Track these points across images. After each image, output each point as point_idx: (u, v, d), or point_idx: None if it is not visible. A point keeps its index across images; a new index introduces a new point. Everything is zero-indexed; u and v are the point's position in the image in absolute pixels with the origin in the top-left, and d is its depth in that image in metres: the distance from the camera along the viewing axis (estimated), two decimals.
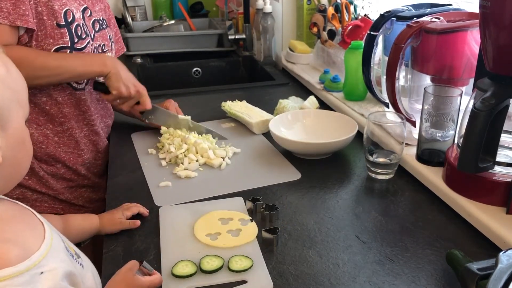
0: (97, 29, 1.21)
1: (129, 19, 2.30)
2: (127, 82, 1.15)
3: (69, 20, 1.10)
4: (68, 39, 1.09)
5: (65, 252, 0.62)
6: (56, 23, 1.07)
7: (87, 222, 0.88)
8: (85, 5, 1.17)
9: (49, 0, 1.05)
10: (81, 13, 1.15)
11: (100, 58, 1.14)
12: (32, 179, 1.15)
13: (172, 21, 2.37)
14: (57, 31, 1.07)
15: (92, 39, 1.18)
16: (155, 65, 2.10)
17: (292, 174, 1.08)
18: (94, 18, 1.20)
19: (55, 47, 1.07)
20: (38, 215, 0.64)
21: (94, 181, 1.27)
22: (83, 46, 1.13)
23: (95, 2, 1.23)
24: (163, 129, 1.24)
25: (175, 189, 1.03)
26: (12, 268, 0.51)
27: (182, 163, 1.11)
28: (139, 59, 2.08)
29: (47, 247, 0.57)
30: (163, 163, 1.13)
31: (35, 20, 1.03)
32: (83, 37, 1.13)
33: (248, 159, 1.16)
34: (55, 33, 1.07)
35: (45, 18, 1.05)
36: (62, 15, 1.08)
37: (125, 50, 1.44)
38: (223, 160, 1.13)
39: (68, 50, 1.10)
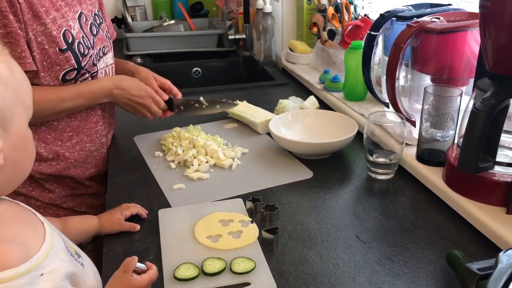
0: (95, 33, 1.17)
1: (129, 19, 2.30)
2: (132, 100, 1.16)
3: (69, 41, 1.05)
4: (74, 61, 1.06)
5: (65, 252, 0.61)
6: (58, 49, 1.03)
7: (86, 223, 0.88)
8: (80, 10, 1.12)
9: (45, 28, 1.00)
10: (77, 22, 1.10)
11: (104, 92, 1.14)
12: (35, 190, 1.12)
13: (172, 21, 2.37)
14: (61, 56, 1.03)
15: (92, 47, 1.14)
16: (155, 65, 2.10)
17: (303, 173, 1.08)
18: (90, 22, 1.16)
19: (63, 72, 1.05)
20: (39, 215, 0.64)
21: (96, 188, 1.25)
22: (87, 61, 1.10)
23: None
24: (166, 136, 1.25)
25: (188, 191, 1.02)
26: (13, 270, 0.51)
27: (192, 165, 1.10)
28: (139, 59, 2.08)
29: (48, 248, 0.57)
30: (172, 165, 1.12)
31: (38, 51, 1.00)
32: (86, 53, 1.09)
33: (257, 159, 1.16)
34: (59, 59, 1.03)
35: (46, 47, 1.01)
36: (62, 38, 1.04)
37: (115, 34, 1.40)
38: (233, 160, 1.13)
39: (76, 72, 1.07)
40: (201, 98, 1.27)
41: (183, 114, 1.27)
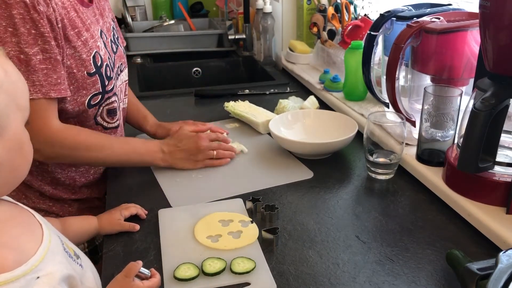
0: (115, 50, 1.13)
1: (129, 19, 2.30)
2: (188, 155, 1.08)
3: (98, 64, 1.01)
4: (100, 85, 1.02)
5: (63, 254, 0.61)
6: (86, 72, 0.99)
7: (85, 223, 0.88)
8: (100, 28, 1.07)
9: (75, 51, 0.96)
10: (102, 41, 1.05)
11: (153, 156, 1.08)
12: (55, 205, 1.11)
13: (172, 21, 2.37)
14: (88, 80, 1.00)
15: (113, 66, 1.10)
16: (155, 65, 2.10)
17: (303, 173, 1.08)
18: (109, 39, 1.11)
19: (89, 97, 1.01)
20: (37, 216, 0.63)
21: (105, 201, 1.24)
22: (112, 85, 1.07)
23: (104, 12, 1.12)
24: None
25: (188, 191, 1.02)
26: (8, 274, 0.51)
27: None
28: (139, 59, 2.08)
29: (44, 251, 0.57)
30: None
31: (65, 75, 0.96)
32: (111, 76, 1.06)
33: (257, 159, 1.16)
34: (87, 83, 1.00)
35: (75, 71, 0.97)
36: (92, 62, 1.00)
37: (125, 43, 1.32)
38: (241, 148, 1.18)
39: (100, 96, 1.03)
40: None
41: None
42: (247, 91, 1.64)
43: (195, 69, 2.10)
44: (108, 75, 1.05)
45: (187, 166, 1.09)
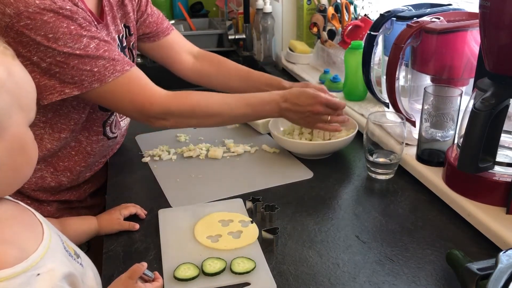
0: None
1: None
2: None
3: None
4: None
5: (63, 253, 0.61)
6: None
7: (84, 224, 0.88)
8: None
9: None
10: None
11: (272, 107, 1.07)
12: (33, 204, 1.08)
13: (172, 21, 2.37)
14: None
15: None
16: (155, 65, 2.08)
17: (303, 173, 1.08)
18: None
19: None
20: (38, 215, 0.64)
21: (91, 202, 1.21)
22: None
23: (114, 20, 1.08)
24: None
25: (188, 191, 1.02)
26: (8, 270, 0.51)
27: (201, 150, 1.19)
28: (139, 59, 2.08)
29: (45, 248, 0.57)
30: (174, 157, 1.16)
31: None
32: None
33: (257, 159, 1.16)
34: None
35: None
36: None
37: (171, 29, 1.31)
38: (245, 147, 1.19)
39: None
40: None
41: None
42: None
43: None
44: None
45: (299, 124, 1.11)
